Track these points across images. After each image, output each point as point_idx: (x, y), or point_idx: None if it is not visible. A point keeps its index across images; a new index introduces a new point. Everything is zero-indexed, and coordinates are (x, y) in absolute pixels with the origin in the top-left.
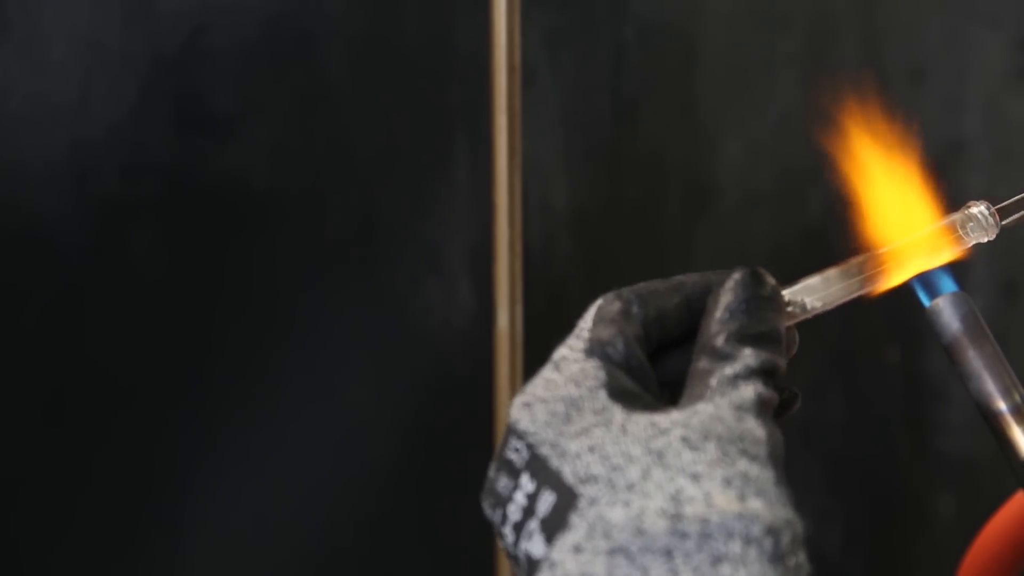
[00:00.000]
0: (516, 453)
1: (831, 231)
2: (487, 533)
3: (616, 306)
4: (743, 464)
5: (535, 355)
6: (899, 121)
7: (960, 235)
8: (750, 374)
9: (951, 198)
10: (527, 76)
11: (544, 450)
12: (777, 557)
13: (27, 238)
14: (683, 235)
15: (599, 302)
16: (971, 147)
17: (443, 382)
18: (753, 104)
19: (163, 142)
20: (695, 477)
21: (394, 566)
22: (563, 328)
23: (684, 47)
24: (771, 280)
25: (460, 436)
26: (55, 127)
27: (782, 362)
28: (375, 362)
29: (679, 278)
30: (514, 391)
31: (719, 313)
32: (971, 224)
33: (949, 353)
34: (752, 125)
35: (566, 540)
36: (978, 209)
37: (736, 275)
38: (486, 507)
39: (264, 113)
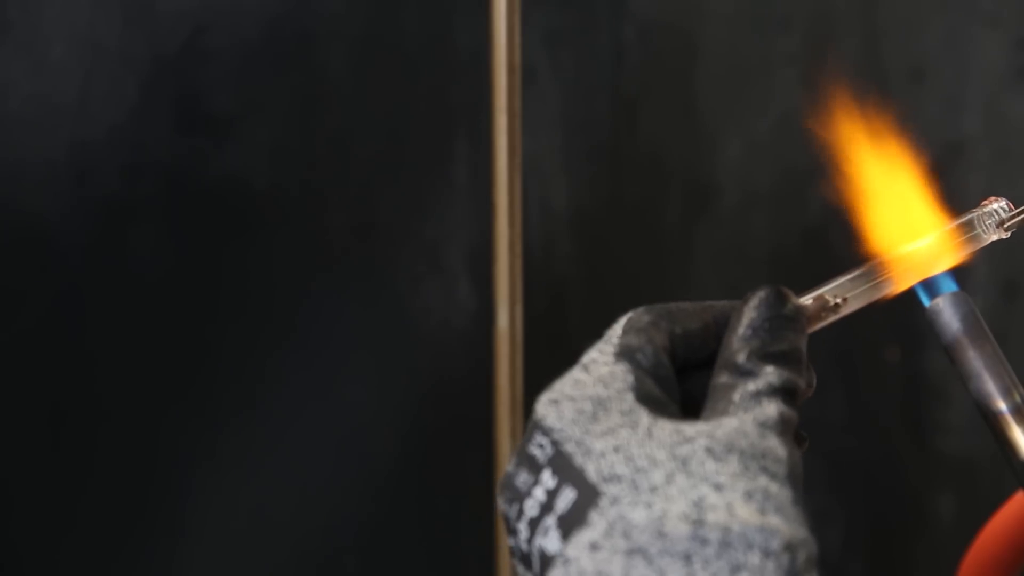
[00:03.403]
0: (540, 449)
1: (831, 231)
2: (487, 533)
3: (646, 318)
4: (763, 480)
5: (535, 355)
6: (899, 121)
7: (978, 232)
8: (772, 392)
9: (951, 198)
10: (527, 76)
11: (569, 447)
12: (793, 574)
13: (27, 238)
14: (683, 235)
15: (629, 314)
16: (971, 147)
17: (443, 382)
18: (753, 104)
19: (163, 142)
20: (718, 487)
21: (394, 566)
22: (563, 328)
23: (684, 47)
24: (794, 300)
25: (459, 436)
26: (55, 127)
27: (802, 383)
28: (375, 362)
29: (707, 302)
30: (514, 391)
31: (741, 330)
32: (989, 221)
33: (949, 353)
34: (752, 125)
35: (583, 537)
36: (997, 205)
37: (760, 293)
38: (502, 501)
39: (264, 113)
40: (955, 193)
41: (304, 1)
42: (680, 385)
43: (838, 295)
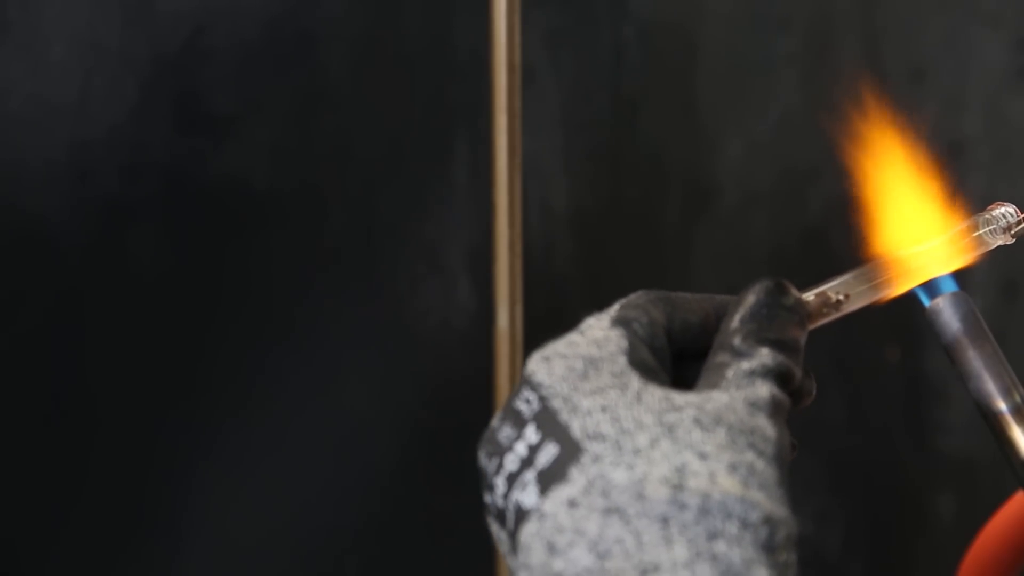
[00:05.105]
0: (526, 404)
1: (831, 231)
2: (487, 533)
3: (645, 297)
4: (750, 456)
5: None
6: (899, 121)
7: (983, 237)
8: (766, 372)
9: (951, 198)
10: (527, 76)
11: (556, 403)
12: (769, 548)
13: (27, 238)
14: (683, 235)
15: (629, 296)
16: (971, 147)
17: (443, 382)
18: (753, 104)
19: (163, 142)
20: (702, 455)
21: (394, 567)
22: (563, 328)
23: (684, 47)
24: (795, 292)
25: (460, 436)
26: (55, 127)
27: (797, 371)
28: (375, 362)
29: (707, 294)
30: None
31: (740, 315)
32: (995, 226)
33: (949, 353)
34: (752, 125)
35: (561, 493)
36: (1005, 210)
37: (762, 283)
38: (482, 455)
39: (264, 113)
40: (955, 193)
41: (304, 1)
42: (675, 372)
43: (840, 292)
